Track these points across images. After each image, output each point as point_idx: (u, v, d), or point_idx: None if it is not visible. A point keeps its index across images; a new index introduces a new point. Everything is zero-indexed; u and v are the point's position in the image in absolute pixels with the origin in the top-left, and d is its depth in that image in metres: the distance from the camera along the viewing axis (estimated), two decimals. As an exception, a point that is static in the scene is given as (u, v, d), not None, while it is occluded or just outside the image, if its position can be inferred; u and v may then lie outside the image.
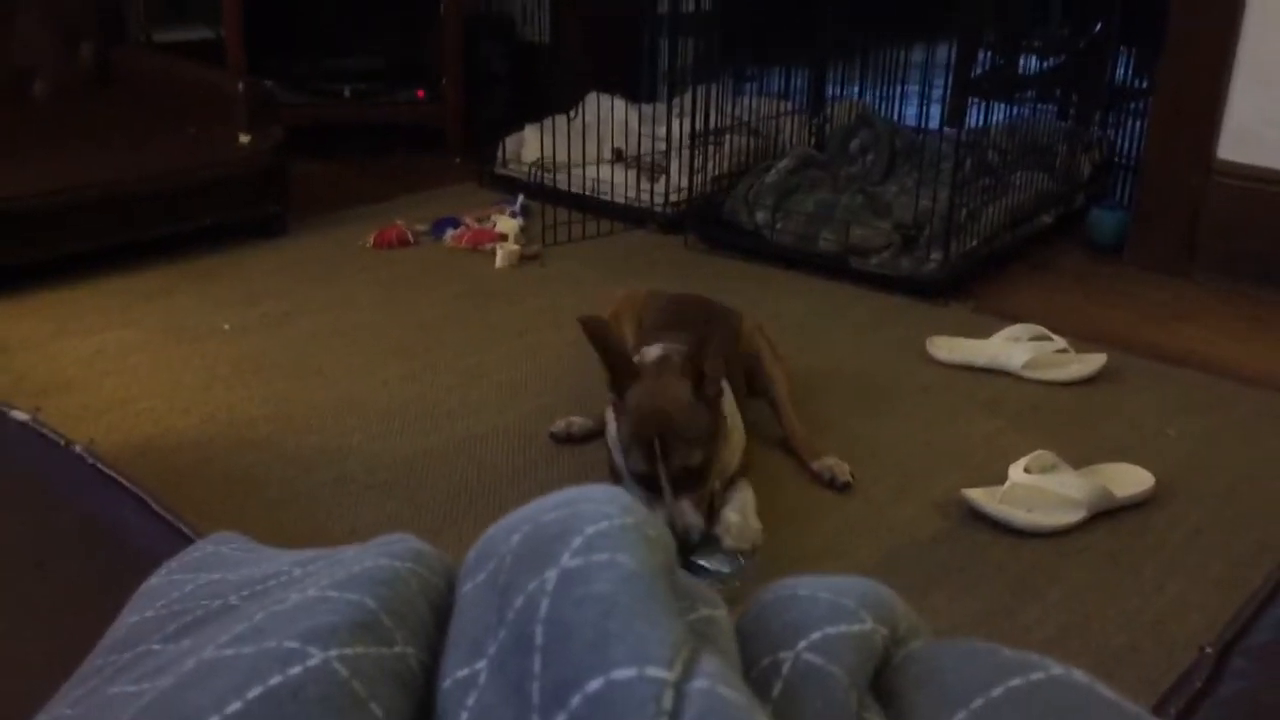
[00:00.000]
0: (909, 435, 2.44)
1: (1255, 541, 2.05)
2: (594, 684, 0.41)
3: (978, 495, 2.11)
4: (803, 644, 0.49)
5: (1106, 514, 2.11)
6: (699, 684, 0.40)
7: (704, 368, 1.88)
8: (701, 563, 1.89)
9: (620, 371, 1.93)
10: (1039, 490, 2.11)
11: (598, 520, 0.49)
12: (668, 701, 0.40)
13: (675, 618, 0.44)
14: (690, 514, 1.86)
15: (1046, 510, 2.08)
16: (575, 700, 0.41)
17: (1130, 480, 2.19)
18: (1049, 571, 1.97)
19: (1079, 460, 2.24)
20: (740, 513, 1.97)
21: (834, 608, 0.51)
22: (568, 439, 2.37)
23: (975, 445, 2.40)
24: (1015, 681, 0.47)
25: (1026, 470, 2.15)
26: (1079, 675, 0.47)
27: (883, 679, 0.50)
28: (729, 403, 2.06)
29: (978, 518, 2.10)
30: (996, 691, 0.46)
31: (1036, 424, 2.49)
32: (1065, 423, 2.50)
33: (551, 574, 0.46)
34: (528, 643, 0.45)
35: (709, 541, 1.93)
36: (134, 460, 2.24)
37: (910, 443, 2.40)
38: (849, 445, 2.34)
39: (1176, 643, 1.77)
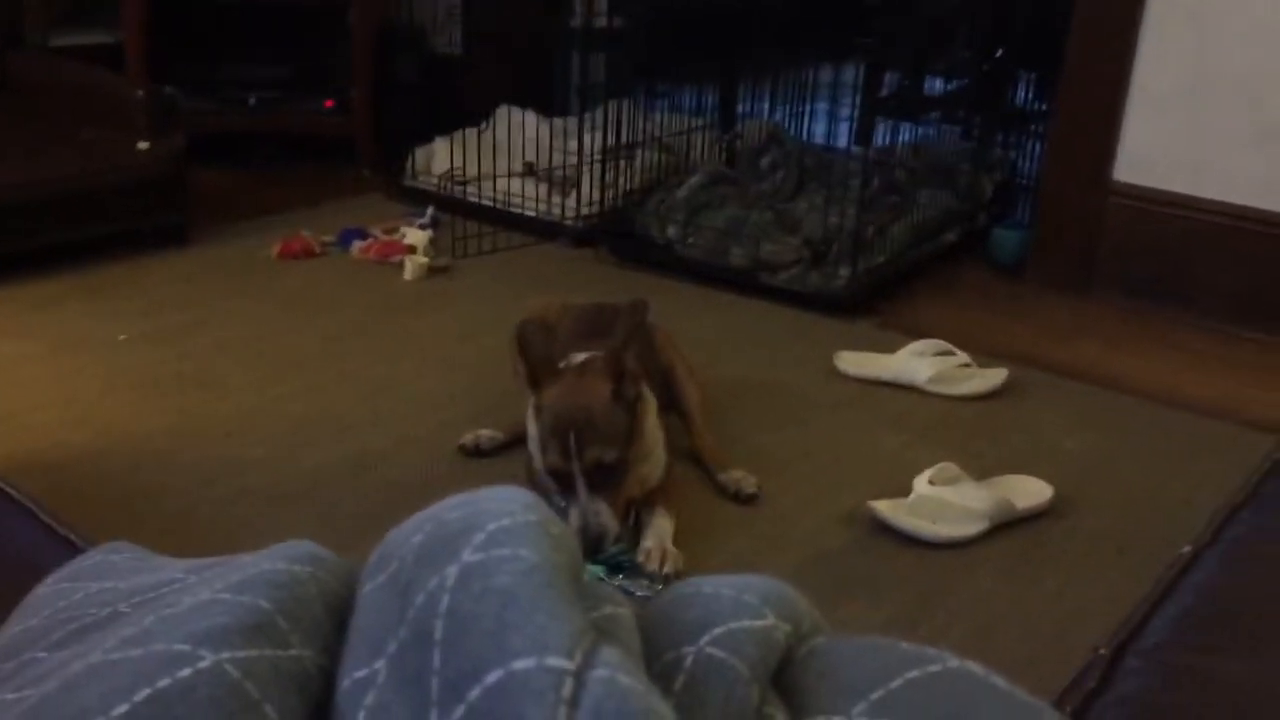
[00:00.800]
0: (816, 448, 2.46)
1: (1151, 550, 2.11)
2: (493, 675, 0.40)
3: (883, 507, 2.13)
4: (705, 639, 0.49)
5: (1008, 525, 2.15)
6: (599, 673, 0.40)
7: (624, 366, 1.88)
8: (622, 586, 1.90)
9: (540, 372, 1.92)
10: (943, 502, 2.14)
11: (500, 517, 0.49)
12: (567, 690, 0.40)
13: (577, 610, 0.44)
14: (605, 514, 1.87)
15: (950, 522, 2.11)
16: (474, 692, 0.41)
17: (1030, 491, 2.23)
18: (953, 582, 2.00)
19: (981, 472, 2.28)
20: (657, 539, 1.98)
21: (737, 604, 0.51)
22: (477, 452, 2.35)
23: (881, 458, 2.43)
24: (913, 674, 0.47)
25: (931, 482, 2.18)
26: (975, 667, 0.48)
27: (786, 674, 0.50)
28: (651, 416, 2.06)
29: (883, 529, 2.12)
30: (895, 683, 0.47)
31: (941, 437, 2.53)
32: (968, 436, 2.55)
33: (452, 570, 0.46)
34: (427, 638, 0.44)
35: (632, 567, 1.93)
36: (23, 474, 2.16)
37: (817, 456, 2.43)
38: (757, 458, 2.35)
39: (1076, 649, 1.81)
